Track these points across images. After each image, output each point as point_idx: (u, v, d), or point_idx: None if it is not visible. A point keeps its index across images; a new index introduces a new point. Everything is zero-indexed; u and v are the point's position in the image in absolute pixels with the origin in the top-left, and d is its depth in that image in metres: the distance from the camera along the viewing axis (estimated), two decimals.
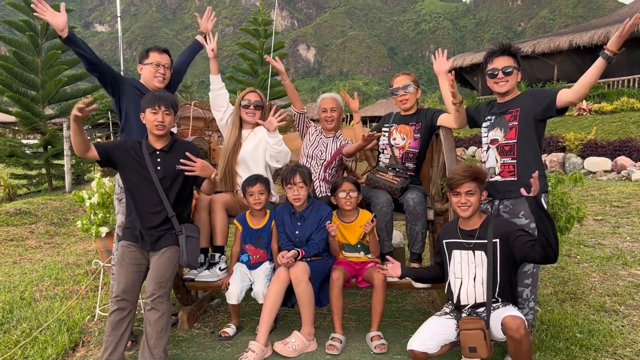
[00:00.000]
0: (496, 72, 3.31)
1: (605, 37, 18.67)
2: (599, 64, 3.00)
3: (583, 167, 13.23)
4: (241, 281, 3.67)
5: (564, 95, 3.11)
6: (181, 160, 3.12)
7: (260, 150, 4.09)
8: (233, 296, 3.60)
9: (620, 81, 19.07)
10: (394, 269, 3.31)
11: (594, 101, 17.91)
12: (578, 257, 5.76)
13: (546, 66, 22.07)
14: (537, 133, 3.26)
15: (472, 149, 17.31)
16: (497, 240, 2.99)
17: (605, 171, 12.77)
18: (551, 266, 5.43)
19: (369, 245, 3.73)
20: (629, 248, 6.04)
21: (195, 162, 3.09)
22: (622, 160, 12.48)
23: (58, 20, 3.41)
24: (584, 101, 17.66)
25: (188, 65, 4.30)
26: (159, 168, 3.29)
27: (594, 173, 12.92)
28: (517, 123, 3.25)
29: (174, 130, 3.70)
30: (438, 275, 3.31)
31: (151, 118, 3.24)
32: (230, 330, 3.82)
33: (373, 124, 36.68)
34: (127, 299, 3.10)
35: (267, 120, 4.02)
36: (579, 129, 14.80)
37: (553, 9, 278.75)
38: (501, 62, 3.30)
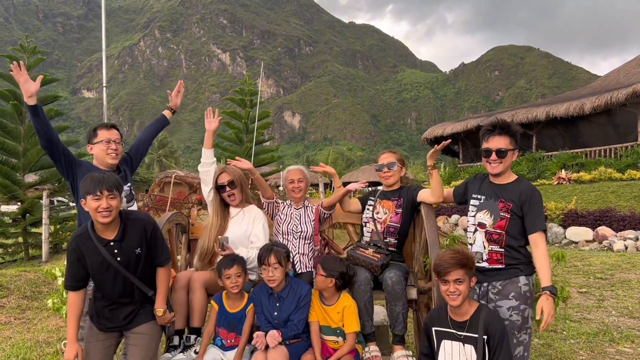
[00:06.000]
0: (490, 152, 3.25)
1: (580, 109, 19.31)
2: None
3: (565, 237, 13.28)
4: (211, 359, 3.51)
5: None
6: None
7: (254, 231, 4.09)
8: None
9: (597, 151, 19.57)
10: None
11: (573, 170, 18.26)
12: (564, 332, 5.65)
13: (525, 136, 22.63)
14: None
15: (454, 217, 17.35)
16: (486, 337, 2.89)
17: (587, 241, 12.81)
18: (537, 343, 5.31)
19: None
20: (615, 323, 5.95)
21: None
22: (603, 230, 12.57)
23: (30, 86, 3.38)
24: (563, 170, 18.00)
25: (151, 141, 4.29)
26: (119, 259, 3.05)
27: (576, 243, 12.96)
28: (508, 216, 3.19)
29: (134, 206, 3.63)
30: None
31: (94, 205, 2.89)
32: None
33: None
34: None
35: None
36: (559, 197, 14.99)
37: (529, 79, 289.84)
38: (496, 143, 3.24)
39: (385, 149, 4.59)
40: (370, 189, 4.69)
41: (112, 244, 3.02)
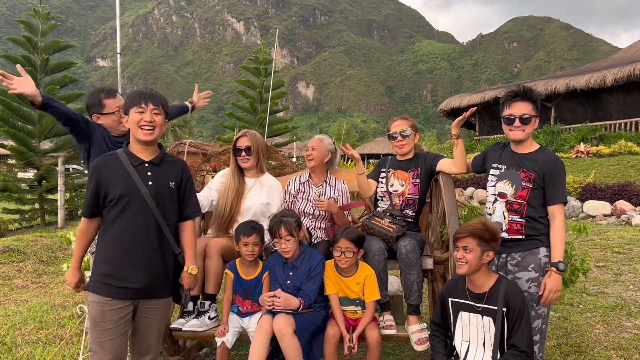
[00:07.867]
0: (513, 119, 3.12)
1: (602, 81, 18.86)
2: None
3: (582, 211, 13.12)
4: (233, 326, 3.51)
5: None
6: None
7: (272, 202, 4.05)
8: (227, 340, 3.41)
9: (617, 124, 19.15)
10: None
11: (592, 144, 17.92)
12: (580, 306, 5.59)
13: (543, 108, 22.20)
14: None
15: (470, 189, 17.22)
16: (505, 309, 2.82)
17: (605, 215, 12.65)
18: (553, 316, 5.26)
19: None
20: (633, 297, 5.87)
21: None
22: (622, 204, 12.38)
23: (26, 87, 3.10)
24: (582, 143, 17.69)
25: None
26: (150, 183, 2.67)
27: (594, 217, 12.80)
28: (531, 186, 3.08)
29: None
30: (446, 348, 3.08)
31: (136, 118, 2.63)
32: None
33: (371, 160, 36.78)
34: None
35: None
36: (577, 171, 14.77)
37: (548, 51, 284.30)
38: (519, 109, 3.10)
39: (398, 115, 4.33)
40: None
41: (147, 165, 2.72)
